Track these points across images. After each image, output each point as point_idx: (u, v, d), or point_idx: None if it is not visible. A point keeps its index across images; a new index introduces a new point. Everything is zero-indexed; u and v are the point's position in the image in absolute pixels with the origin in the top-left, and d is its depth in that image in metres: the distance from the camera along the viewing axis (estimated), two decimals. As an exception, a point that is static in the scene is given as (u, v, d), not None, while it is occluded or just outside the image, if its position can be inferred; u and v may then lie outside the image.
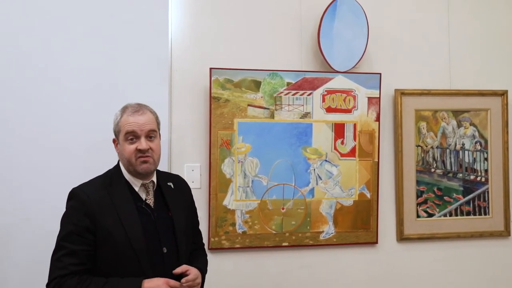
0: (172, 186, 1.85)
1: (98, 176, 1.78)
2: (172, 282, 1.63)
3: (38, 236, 2.19)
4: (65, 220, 1.66)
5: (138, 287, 1.58)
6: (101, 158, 2.19)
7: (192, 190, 2.35)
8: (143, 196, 1.74)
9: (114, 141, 1.77)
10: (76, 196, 1.67)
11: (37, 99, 2.22)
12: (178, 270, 1.68)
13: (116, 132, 1.74)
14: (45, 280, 2.17)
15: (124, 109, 1.74)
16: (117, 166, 1.78)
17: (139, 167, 1.68)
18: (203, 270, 1.82)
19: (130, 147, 1.68)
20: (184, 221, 1.79)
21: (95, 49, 2.27)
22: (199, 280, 1.73)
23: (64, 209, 2.08)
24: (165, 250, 1.70)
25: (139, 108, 1.73)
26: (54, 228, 2.15)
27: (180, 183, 1.92)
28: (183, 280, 1.65)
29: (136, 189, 1.73)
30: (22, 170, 2.20)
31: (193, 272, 1.70)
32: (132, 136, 1.68)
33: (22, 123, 2.21)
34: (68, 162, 2.23)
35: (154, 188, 1.78)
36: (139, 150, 1.67)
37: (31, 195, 2.20)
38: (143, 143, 1.68)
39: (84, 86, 2.26)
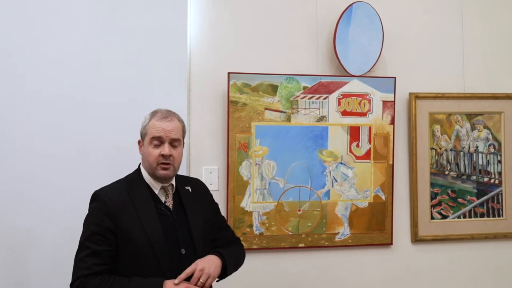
0: (190, 190, 1.88)
1: (119, 179, 1.82)
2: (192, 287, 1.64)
3: (60, 237, 2.24)
4: (88, 221, 1.70)
5: (161, 285, 1.61)
6: (121, 161, 2.26)
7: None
8: (163, 198, 1.78)
9: (139, 142, 1.82)
10: (99, 198, 1.71)
11: (61, 103, 2.27)
12: (182, 275, 1.66)
13: (143, 134, 1.78)
14: (67, 280, 2.24)
15: (154, 114, 1.78)
16: (138, 169, 1.82)
17: (159, 172, 1.73)
18: (221, 253, 1.79)
19: (155, 151, 1.73)
20: (202, 224, 1.83)
21: (116, 55, 2.33)
22: (208, 270, 1.68)
23: (85, 211, 2.15)
24: (183, 251, 1.74)
25: (168, 114, 1.77)
26: (75, 229, 2.23)
27: (198, 186, 1.95)
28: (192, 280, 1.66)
29: (156, 192, 1.77)
30: (44, 173, 2.25)
31: (198, 268, 1.68)
32: (158, 141, 1.73)
33: (45, 127, 2.27)
34: (89, 165, 2.28)
35: (173, 191, 1.82)
36: (162, 156, 1.72)
37: (53, 197, 2.26)
38: (166, 149, 1.72)
39: (105, 92, 2.31)
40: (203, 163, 2.42)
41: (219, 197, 2.40)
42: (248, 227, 2.41)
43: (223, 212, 2.38)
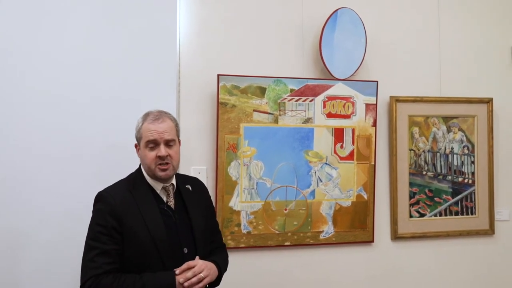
0: (190, 188, 1.92)
1: (122, 180, 1.85)
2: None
3: (54, 237, 2.24)
4: (94, 221, 1.73)
5: (173, 278, 1.66)
6: (112, 161, 2.29)
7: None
8: (164, 198, 1.81)
9: (136, 146, 1.85)
10: (103, 199, 1.74)
11: (52, 104, 2.27)
12: (184, 266, 1.71)
13: (138, 138, 1.81)
14: (61, 280, 2.25)
15: (145, 117, 1.80)
16: (139, 169, 1.84)
17: (158, 173, 1.76)
18: (218, 262, 1.85)
19: (151, 154, 1.75)
20: (203, 222, 1.86)
21: (106, 56, 2.34)
22: (206, 272, 1.74)
23: (78, 210, 2.17)
24: (186, 250, 1.77)
25: (160, 115, 1.79)
26: (69, 229, 2.23)
27: (198, 185, 1.99)
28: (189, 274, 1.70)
29: (158, 191, 1.80)
30: (36, 173, 2.25)
31: (199, 264, 1.74)
32: (153, 144, 1.76)
33: (36, 127, 2.26)
34: (81, 165, 2.29)
35: (174, 191, 1.85)
36: (159, 157, 1.75)
37: (46, 198, 2.25)
38: (162, 150, 1.75)
39: (95, 92, 2.32)
40: (192, 163, 2.45)
41: (207, 197, 2.45)
42: (236, 226, 2.46)
43: (212, 211, 2.44)
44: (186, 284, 1.66)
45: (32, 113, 2.26)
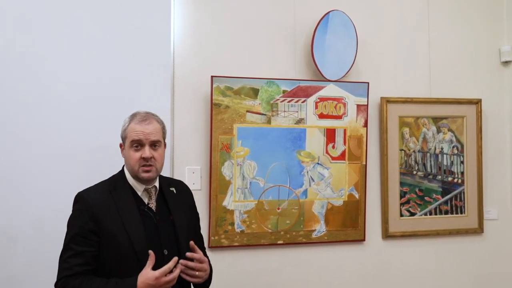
0: (174, 191, 1.91)
1: (103, 181, 1.84)
2: (162, 269, 1.64)
3: (44, 237, 2.25)
4: (72, 222, 1.73)
5: (135, 283, 1.62)
6: (104, 162, 2.29)
7: (192, 191, 2.49)
8: (146, 200, 1.79)
9: (120, 145, 1.83)
10: (82, 200, 1.73)
11: (42, 104, 2.29)
12: (193, 255, 1.74)
13: (123, 138, 1.80)
14: (49, 279, 2.26)
15: (133, 117, 1.79)
16: (122, 171, 1.83)
17: (141, 174, 1.75)
18: (211, 272, 1.89)
19: (135, 155, 1.74)
20: (186, 225, 1.86)
21: (99, 57, 2.36)
22: (207, 268, 1.79)
23: (68, 210, 2.17)
24: (166, 252, 1.75)
25: (147, 117, 1.78)
26: (58, 229, 2.25)
27: (182, 188, 1.99)
28: (195, 256, 1.73)
29: (139, 193, 1.78)
30: (28, 173, 2.27)
31: (205, 259, 1.79)
32: (137, 144, 1.75)
33: (27, 126, 2.28)
34: (73, 165, 2.31)
35: (157, 193, 1.83)
36: (143, 158, 1.74)
37: (36, 197, 2.27)
38: (147, 152, 1.73)
39: (89, 92, 2.34)
40: (186, 163, 2.49)
41: (201, 196, 2.49)
42: (230, 225, 2.49)
43: (206, 210, 2.48)
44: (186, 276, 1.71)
45: (26, 113, 2.27)
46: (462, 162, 2.87)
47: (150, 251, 1.67)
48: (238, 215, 2.51)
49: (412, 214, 2.79)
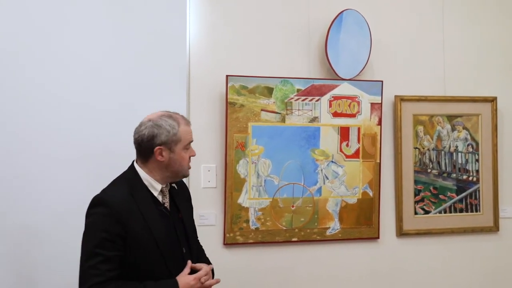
0: (176, 187, 1.93)
1: (117, 181, 1.79)
2: (198, 275, 1.75)
3: (64, 234, 2.31)
4: (96, 227, 1.65)
5: (176, 284, 1.68)
6: (124, 161, 2.36)
7: (208, 189, 2.56)
8: (161, 199, 1.80)
9: (158, 149, 1.73)
10: (105, 203, 1.67)
11: (65, 106, 2.36)
12: (197, 266, 1.80)
13: (171, 142, 1.73)
14: (70, 275, 2.32)
15: (177, 120, 1.77)
16: (135, 171, 1.78)
17: (187, 172, 1.82)
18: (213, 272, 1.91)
19: (186, 155, 1.79)
20: (191, 221, 1.92)
21: (117, 59, 2.42)
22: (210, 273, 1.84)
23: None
24: (184, 250, 1.80)
25: (186, 119, 1.83)
26: (79, 227, 2.31)
27: (181, 183, 1.99)
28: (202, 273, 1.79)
29: (155, 193, 1.77)
30: (50, 172, 2.33)
31: (205, 267, 1.82)
32: (189, 145, 1.81)
33: (51, 129, 2.35)
34: (93, 165, 2.36)
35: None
36: (189, 158, 1.81)
37: (58, 196, 2.33)
38: (194, 151, 1.84)
39: (106, 94, 2.40)
40: (202, 162, 2.52)
41: (217, 194, 2.54)
42: (245, 222, 2.53)
43: (221, 207, 2.53)
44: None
45: (44, 116, 2.34)
46: (477, 160, 2.86)
47: (189, 261, 1.78)
48: (253, 212, 2.54)
49: (427, 212, 2.80)
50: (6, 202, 2.28)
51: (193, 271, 1.78)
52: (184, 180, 2.35)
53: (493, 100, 2.86)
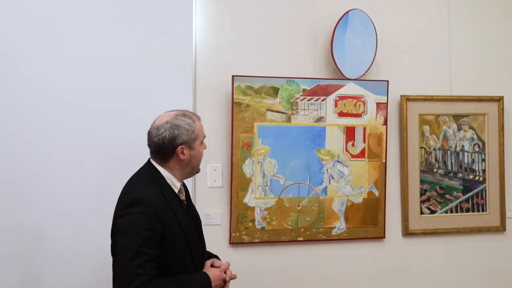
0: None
1: (142, 180, 1.77)
2: (224, 267, 1.86)
3: (70, 233, 2.35)
4: (137, 226, 1.63)
5: (208, 277, 1.76)
6: (130, 160, 2.38)
7: (214, 188, 2.58)
8: (181, 196, 1.84)
9: (180, 149, 1.76)
10: (143, 202, 1.66)
11: (72, 107, 2.39)
12: (215, 261, 1.88)
13: (191, 140, 1.77)
14: (77, 273, 2.35)
15: (192, 117, 1.81)
16: (155, 169, 1.78)
17: (199, 168, 1.88)
18: None
19: (202, 150, 1.85)
20: (199, 216, 1.97)
21: (123, 59, 2.44)
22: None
23: (94, 209, 2.29)
24: (202, 246, 1.88)
25: (197, 114, 1.88)
26: (85, 226, 2.34)
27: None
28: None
29: (176, 191, 1.80)
30: (57, 168, 2.36)
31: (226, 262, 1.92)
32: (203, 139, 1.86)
33: (57, 129, 2.38)
34: (100, 165, 2.40)
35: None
36: None
37: (64, 196, 2.36)
38: (205, 145, 1.89)
39: (113, 94, 2.42)
40: (208, 161, 2.53)
41: (223, 193, 2.55)
42: (251, 221, 2.54)
43: (227, 207, 2.54)
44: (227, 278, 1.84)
45: (51, 117, 2.37)
46: (483, 160, 2.86)
47: (214, 259, 1.89)
48: (258, 212, 2.55)
49: (433, 212, 2.79)
50: (11, 202, 2.31)
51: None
52: (190, 179, 2.40)
53: (499, 100, 2.86)
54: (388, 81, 2.68)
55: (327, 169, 2.63)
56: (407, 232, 2.75)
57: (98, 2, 2.43)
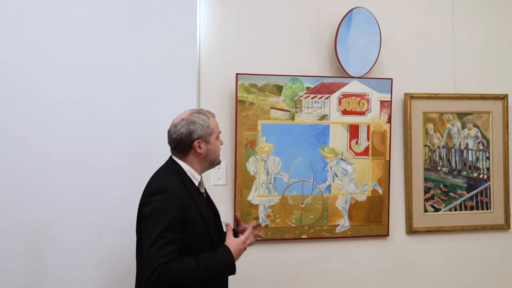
0: None
1: (165, 174, 1.89)
2: (245, 237, 1.91)
3: (75, 231, 2.36)
4: (162, 211, 1.74)
5: (229, 250, 1.82)
6: (137, 158, 2.41)
7: (218, 186, 2.58)
8: (201, 189, 1.94)
9: (198, 143, 1.86)
10: (168, 190, 1.79)
11: (79, 107, 2.40)
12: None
13: (207, 135, 1.88)
14: (82, 271, 2.37)
15: (207, 114, 1.93)
16: (176, 163, 1.89)
17: (219, 160, 1.97)
18: None
19: (219, 144, 1.95)
20: (217, 210, 2.04)
21: (128, 58, 2.45)
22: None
23: (99, 208, 2.30)
24: (221, 237, 1.94)
25: (211, 112, 1.98)
26: (90, 224, 2.35)
27: None
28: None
29: (196, 183, 1.91)
30: (62, 166, 2.37)
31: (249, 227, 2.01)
32: (219, 135, 1.97)
33: (64, 128, 2.38)
34: (106, 163, 2.40)
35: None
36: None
37: (69, 194, 2.37)
38: (222, 140, 1.99)
39: (116, 92, 2.43)
40: (212, 159, 2.55)
41: (227, 191, 2.56)
42: (255, 219, 2.55)
43: (231, 205, 2.55)
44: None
45: (58, 116, 2.38)
46: (487, 158, 2.85)
47: (227, 223, 1.99)
48: (262, 209, 2.56)
49: (437, 210, 2.79)
50: (16, 201, 2.32)
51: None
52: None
53: (504, 98, 2.85)
54: (392, 79, 2.68)
55: (331, 167, 2.63)
56: (411, 230, 2.75)
57: (103, 2, 2.44)
